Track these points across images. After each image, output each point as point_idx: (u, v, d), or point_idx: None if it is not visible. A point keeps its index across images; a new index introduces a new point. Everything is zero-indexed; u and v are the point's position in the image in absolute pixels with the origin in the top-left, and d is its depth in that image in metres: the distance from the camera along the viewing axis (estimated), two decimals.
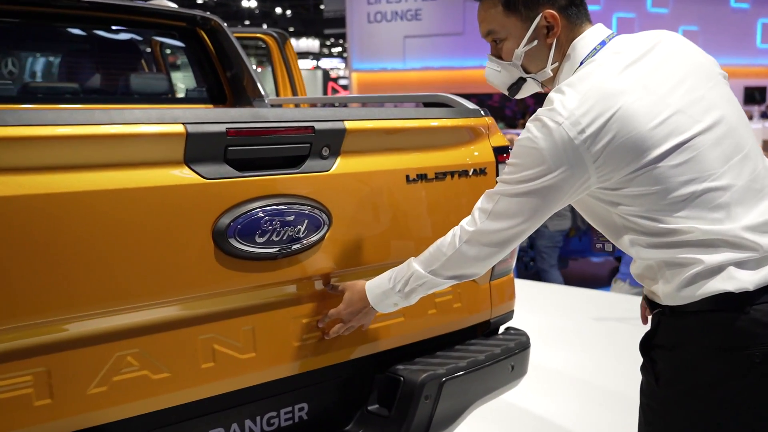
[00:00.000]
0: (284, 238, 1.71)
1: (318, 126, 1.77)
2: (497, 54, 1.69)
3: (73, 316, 1.48)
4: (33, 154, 1.42)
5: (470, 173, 2.12)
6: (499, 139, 2.23)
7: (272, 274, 1.74)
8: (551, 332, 4.58)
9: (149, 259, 1.55)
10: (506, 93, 1.73)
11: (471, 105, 2.24)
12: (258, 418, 1.88)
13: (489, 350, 2.18)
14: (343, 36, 39.01)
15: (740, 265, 1.43)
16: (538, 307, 5.14)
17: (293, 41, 4.42)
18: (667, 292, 1.51)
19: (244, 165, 1.67)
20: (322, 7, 30.97)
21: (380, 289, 1.76)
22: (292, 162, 1.76)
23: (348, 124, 1.83)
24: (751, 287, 1.42)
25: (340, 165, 1.83)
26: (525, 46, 1.62)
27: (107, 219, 1.49)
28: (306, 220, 1.75)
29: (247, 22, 33.57)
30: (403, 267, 1.74)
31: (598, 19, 1.65)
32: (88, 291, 1.48)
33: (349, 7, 23.42)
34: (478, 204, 1.62)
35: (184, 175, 1.59)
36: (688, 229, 1.45)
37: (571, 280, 7.36)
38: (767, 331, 1.42)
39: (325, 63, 42.77)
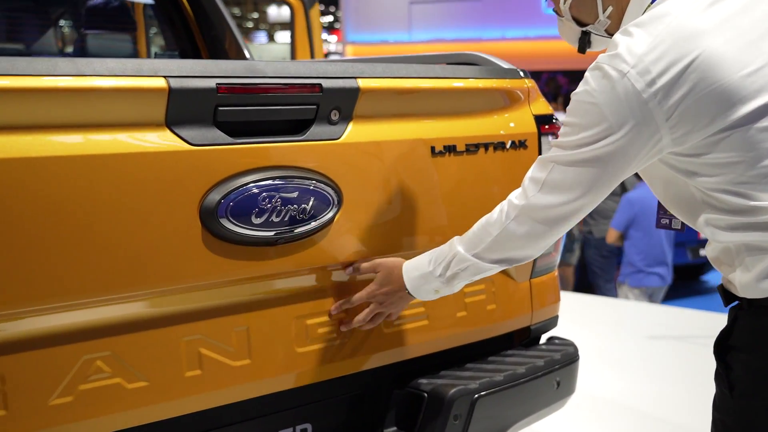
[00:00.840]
0: (286, 219, 1.72)
1: (326, 84, 1.77)
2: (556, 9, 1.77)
3: (29, 309, 1.48)
4: None
5: (507, 146, 2.13)
6: (542, 106, 2.25)
7: (271, 263, 1.75)
8: (601, 352, 4.61)
9: (123, 241, 1.55)
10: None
11: (506, 64, 2.26)
12: None
13: (530, 362, 2.20)
14: (333, 2, 39.15)
15: None
16: (584, 323, 5.16)
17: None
18: (746, 282, 1.52)
19: (237, 130, 1.68)
20: None
21: (418, 271, 1.77)
22: (295, 127, 1.77)
23: (362, 83, 1.84)
24: None
25: (352, 132, 1.84)
26: None
27: (70, 191, 1.49)
28: (312, 199, 1.76)
29: None
30: (445, 248, 1.75)
31: None
32: (46, 279, 1.48)
33: None
34: (529, 173, 1.62)
35: (165, 140, 1.59)
36: None
37: None
38: None
39: None
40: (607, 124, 1.48)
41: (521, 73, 2.23)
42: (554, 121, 2.28)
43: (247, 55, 3.40)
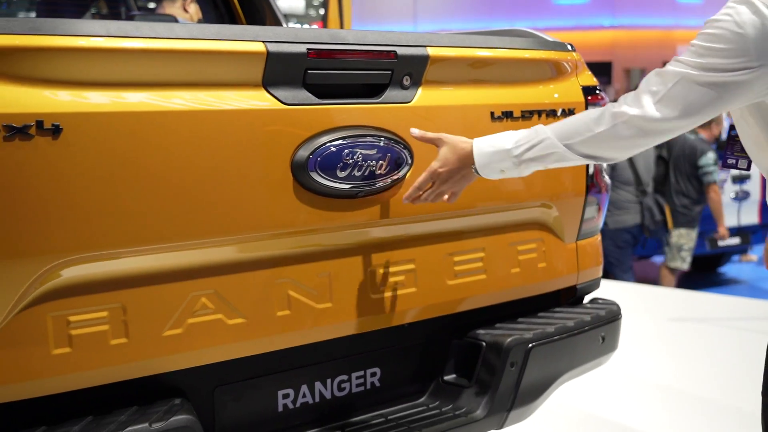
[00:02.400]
0: (366, 173, 1.96)
1: (400, 51, 2.01)
2: None
3: (147, 248, 1.72)
4: (108, 68, 1.66)
5: (558, 113, 2.36)
6: (588, 78, 2.49)
7: (351, 213, 1.99)
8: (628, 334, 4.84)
9: (225, 189, 1.79)
10: None
11: (553, 38, 2.49)
12: (329, 381, 2.12)
13: (578, 317, 2.44)
14: None
15: None
16: None
17: None
18: None
19: (323, 92, 1.92)
20: None
21: (494, 147, 1.95)
22: (372, 91, 2.01)
23: (431, 51, 2.07)
24: None
25: (422, 96, 2.08)
26: None
27: (182, 144, 1.73)
28: (388, 155, 2.00)
29: None
30: (530, 132, 1.94)
31: None
32: (161, 221, 1.72)
33: None
34: (645, 85, 1.79)
35: (262, 99, 1.83)
36: None
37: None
38: None
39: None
40: (749, 57, 1.65)
41: (569, 47, 2.46)
42: (597, 91, 2.52)
43: (282, 23, 3.63)
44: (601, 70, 21.79)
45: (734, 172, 8.04)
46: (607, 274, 7.39)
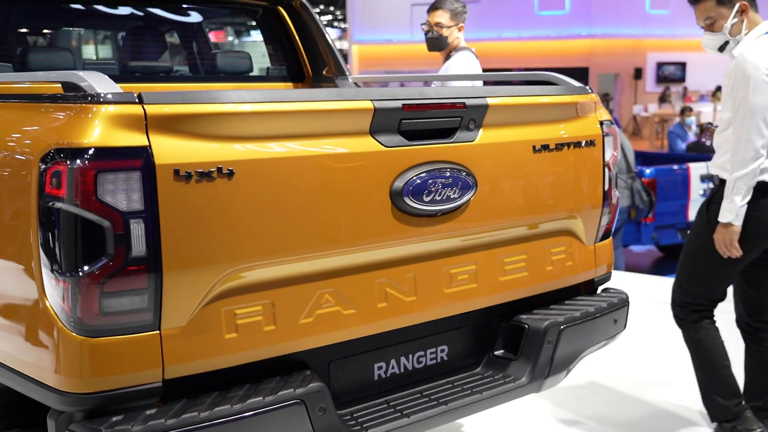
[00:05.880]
0: (444, 198, 2.31)
1: (468, 102, 2.36)
2: (711, 30, 3.28)
3: (290, 258, 2.07)
4: (265, 125, 2.01)
5: (582, 144, 2.71)
6: (604, 113, 2.83)
7: (433, 228, 2.33)
8: None
9: (342, 212, 2.15)
10: (718, 52, 3.36)
11: (577, 83, 2.84)
12: (410, 356, 2.48)
13: (597, 304, 2.79)
14: (335, 3, 39.35)
15: None
16: None
17: None
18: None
19: (412, 135, 2.26)
20: None
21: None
22: (446, 133, 2.35)
23: (490, 101, 2.42)
24: None
25: (483, 136, 2.43)
26: (730, 20, 3.22)
27: (312, 179, 2.08)
28: (459, 183, 2.34)
29: None
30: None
31: None
32: (299, 239, 2.08)
33: None
34: None
35: (369, 143, 2.18)
36: None
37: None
38: None
39: None
40: None
41: (589, 89, 2.81)
42: (611, 124, 2.86)
43: (344, 68, 3.95)
44: (579, 75, 22.11)
45: (703, 171, 8.42)
46: None
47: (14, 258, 1.98)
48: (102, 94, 1.85)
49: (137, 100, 1.85)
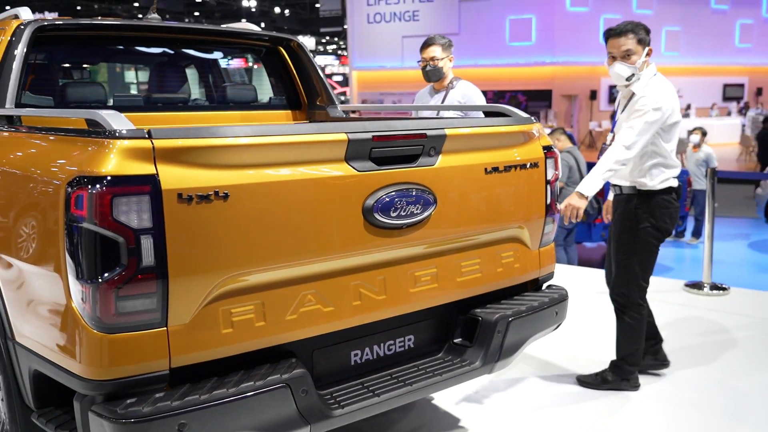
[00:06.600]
0: (408, 213, 2.33)
1: (429, 133, 2.39)
2: (627, 61, 3.38)
3: (276, 266, 2.10)
4: (255, 155, 2.03)
5: (527, 166, 2.74)
6: (545, 140, 2.86)
7: (399, 239, 2.35)
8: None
9: (320, 227, 2.17)
10: (626, 82, 3.41)
11: (524, 114, 2.86)
12: (382, 345, 2.51)
13: (540, 299, 2.81)
14: (338, 34, 39.33)
15: None
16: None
17: None
18: (648, 183, 3.46)
19: (381, 161, 2.29)
20: (318, 6, 31.42)
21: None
22: (410, 159, 2.38)
23: (448, 131, 2.45)
24: None
25: (442, 161, 2.45)
26: (642, 58, 3.34)
27: (295, 199, 2.11)
28: (422, 200, 2.37)
29: (243, 20, 33.97)
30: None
31: (585, 21, 2.38)
32: (288, 247, 2.10)
33: (349, 8, 23.91)
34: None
35: (344, 169, 2.21)
36: None
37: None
38: None
39: (320, 60, 43.40)
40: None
41: (534, 119, 2.83)
42: (553, 149, 2.88)
43: (334, 98, 3.97)
44: (543, 96, 22.13)
45: None
46: None
47: (46, 266, 2.00)
48: (117, 131, 1.88)
49: (147, 136, 1.88)
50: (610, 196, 3.73)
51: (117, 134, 1.87)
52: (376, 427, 3.24)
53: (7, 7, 3.39)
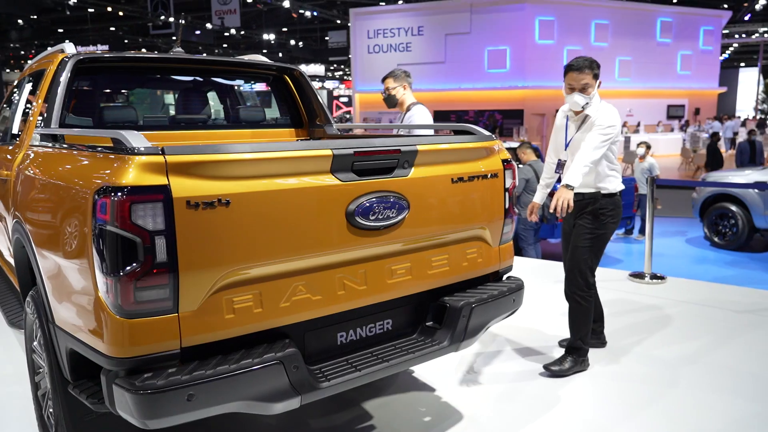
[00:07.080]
0: (385, 217, 2.33)
1: (403, 148, 2.38)
2: (584, 92, 3.43)
3: (273, 261, 2.10)
4: (252, 168, 2.03)
5: (488, 176, 2.73)
6: (504, 154, 2.85)
7: (377, 238, 2.35)
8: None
9: (309, 229, 2.16)
10: (582, 108, 3.44)
11: (486, 132, 2.86)
12: (363, 327, 2.50)
13: (500, 289, 2.80)
14: (344, 62, 39.38)
15: None
16: (521, 275, 5.74)
17: (303, 66, 4.94)
18: (605, 187, 3.37)
19: (361, 173, 2.29)
20: (327, 39, 31.53)
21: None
22: (387, 171, 2.37)
23: (419, 147, 2.44)
24: None
25: (414, 172, 2.45)
26: (595, 89, 3.41)
27: (287, 206, 2.10)
28: (397, 206, 2.36)
29: (264, 51, 34.12)
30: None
31: (551, 52, 2.38)
32: (281, 246, 2.10)
33: (353, 41, 23.97)
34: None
35: (330, 179, 2.20)
36: None
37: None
38: None
39: (329, 84, 43.56)
40: None
41: (494, 137, 2.83)
42: (510, 161, 2.88)
43: (330, 119, 3.97)
44: (517, 114, 22.12)
45: None
46: (519, 249, 7.74)
47: (79, 261, 2.00)
48: (136, 148, 1.88)
49: (160, 152, 1.88)
50: (537, 198, 3.79)
51: (136, 151, 1.87)
52: (364, 395, 3.24)
53: (64, 41, 3.40)
